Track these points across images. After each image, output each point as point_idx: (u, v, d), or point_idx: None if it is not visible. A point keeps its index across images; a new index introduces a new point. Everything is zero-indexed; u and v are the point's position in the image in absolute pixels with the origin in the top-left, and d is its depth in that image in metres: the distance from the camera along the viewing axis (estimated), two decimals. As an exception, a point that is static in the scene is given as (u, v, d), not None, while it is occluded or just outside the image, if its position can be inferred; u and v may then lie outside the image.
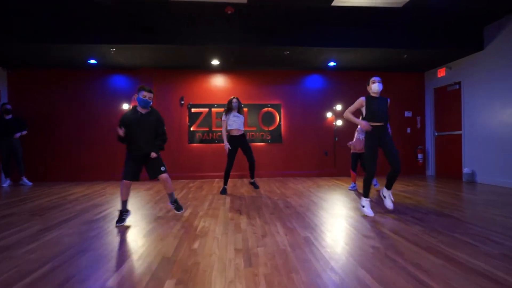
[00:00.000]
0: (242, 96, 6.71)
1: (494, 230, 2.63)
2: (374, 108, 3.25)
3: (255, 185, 5.00)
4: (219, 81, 6.78)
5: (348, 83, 6.91)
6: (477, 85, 5.65)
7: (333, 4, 4.53)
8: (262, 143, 6.79)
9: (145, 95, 2.95)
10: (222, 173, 4.74)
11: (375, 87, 3.28)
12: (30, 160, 6.26)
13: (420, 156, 6.98)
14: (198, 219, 3.10)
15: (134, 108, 3.05)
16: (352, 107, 3.38)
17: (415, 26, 5.31)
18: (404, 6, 4.64)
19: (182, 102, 6.66)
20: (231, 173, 4.85)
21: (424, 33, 5.37)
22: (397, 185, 5.33)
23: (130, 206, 3.36)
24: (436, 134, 6.87)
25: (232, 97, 4.67)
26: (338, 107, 6.84)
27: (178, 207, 3.28)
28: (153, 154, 3.04)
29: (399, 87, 7.09)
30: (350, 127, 6.51)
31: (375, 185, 4.84)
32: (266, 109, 6.80)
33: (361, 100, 3.31)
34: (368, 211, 3.23)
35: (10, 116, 5.90)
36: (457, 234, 2.52)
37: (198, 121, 6.67)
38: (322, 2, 4.48)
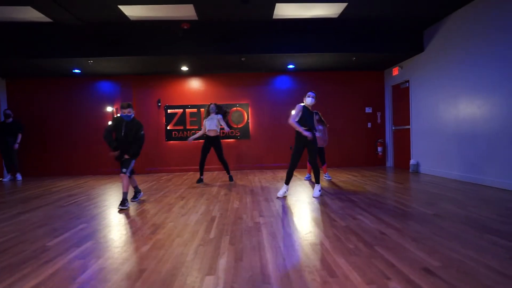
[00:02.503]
0: (213, 97, 7.41)
1: (367, 210, 3.26)
2: (303, 117, 3.95)
3: (230, 178, 5.63)
4: (192, 85, 7.49)
5: (310, 83, 7.49)
6: (421, 83, 6.15)
7: (274, 17, 5.14)
8: (231, 140, 7.49)
9: (124, 111, 3.61)
10: (196, 167, 5.48)
11: (308, 100, 4.02)
12: (26, 157, 7.18)
13: (379, 149, 7.53)
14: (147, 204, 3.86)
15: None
16: (295, 115, 3.96)
17: (359, 32, 5.84)
18: (340, 16, 5.19)
19: (159, 104, 7.41)
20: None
21: (368, 38, 5.90)
22: (345, 175, 5.95)
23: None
24: (393, 128, 7.40)
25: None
26: (302, 105, 7.43)
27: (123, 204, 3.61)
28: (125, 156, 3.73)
29: (361, 85, 7.62)
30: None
31: (328, 178, 5.49)
32: (235, 108, 7.47)
33: (300, 106, 3.97)
34: (280, 193, 4.08)
35: (10, 120, 6.79)
36: (334, 214, 3.17)
37: (174, 121, 7.42)
38: (265, 16, 5.10)
